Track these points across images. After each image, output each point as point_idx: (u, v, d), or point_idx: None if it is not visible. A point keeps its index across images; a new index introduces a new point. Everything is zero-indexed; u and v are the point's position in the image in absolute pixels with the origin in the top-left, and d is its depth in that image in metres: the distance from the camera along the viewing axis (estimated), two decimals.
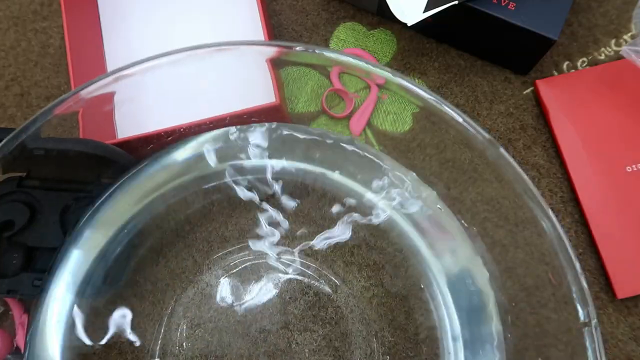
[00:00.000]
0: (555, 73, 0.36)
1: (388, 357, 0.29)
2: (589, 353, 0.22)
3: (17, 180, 0.32)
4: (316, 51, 0.26)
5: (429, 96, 0.27)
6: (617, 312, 0.32)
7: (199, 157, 0.31)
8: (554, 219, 0.26)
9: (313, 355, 0.29)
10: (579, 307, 0.23)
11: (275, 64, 0.30)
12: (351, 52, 0.36)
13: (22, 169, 0.31)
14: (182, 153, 0.30)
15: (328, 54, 0.27)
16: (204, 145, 0.31)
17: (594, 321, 0.22)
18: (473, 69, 0.37)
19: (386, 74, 0.26)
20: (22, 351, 0.30)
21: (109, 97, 0.30)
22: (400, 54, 0.37)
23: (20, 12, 0.39)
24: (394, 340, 0.30)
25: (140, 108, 0.33)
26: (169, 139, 0.29)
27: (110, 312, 0.30)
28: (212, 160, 0.31)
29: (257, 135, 0.31)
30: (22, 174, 0.32)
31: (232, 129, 0.30)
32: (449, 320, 0.28)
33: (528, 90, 0.36)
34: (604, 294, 0.33)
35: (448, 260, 0.30)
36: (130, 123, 0.33)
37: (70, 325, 0.28)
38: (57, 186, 0.32)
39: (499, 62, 0.36)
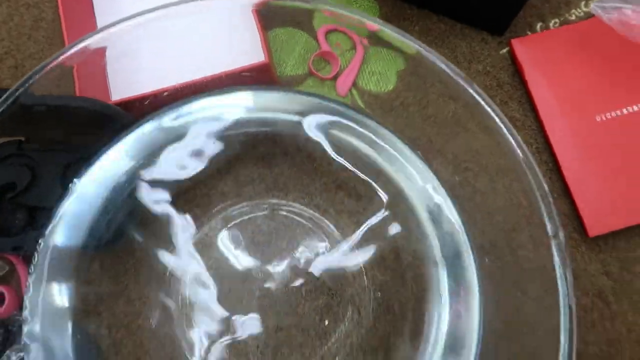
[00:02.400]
0: (529, 33, 0.38)
1: (379, 293, 0.31)
2: (556, 260, 0.24)
3: (17, 143, 0.33)
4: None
5: (418, 46, 0.29)
6: (589, 250, 0.35)
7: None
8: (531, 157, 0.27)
9: (309, 295, 0.31)
10: (547, 226, 0.25)
11: (263, 18, 0.32)
12: (331, 27, 0.38)
13: (22, 132, 0.33)
14: (172, 118, 0.32)
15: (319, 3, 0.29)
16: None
17: (561, 234, 0.24)
18: (452, 32, 0.39)
19: (378, 22, 0.28)
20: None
21: (100, 55, 0.31)
22: (382, 20, 0.39)
23: None
24: (383, 279, 0.32)
25: (132, 68, 0.34)
26: (165, 94, 0.30)
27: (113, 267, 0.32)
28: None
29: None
30: (21, 138, 0.33)
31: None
32: (432, 248, 0.30)
33: (504, 50, 0.38)
34: (577, 234, 0.35)
35: (429, 192, 0.31)
36: (123, 84, 0.34)
37: (73, 275, 0.30)
38: (56, 147, 0.33)
39: (477, 25, 0.38)
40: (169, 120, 0.30)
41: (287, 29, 0.36)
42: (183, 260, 0.31)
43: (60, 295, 0.29)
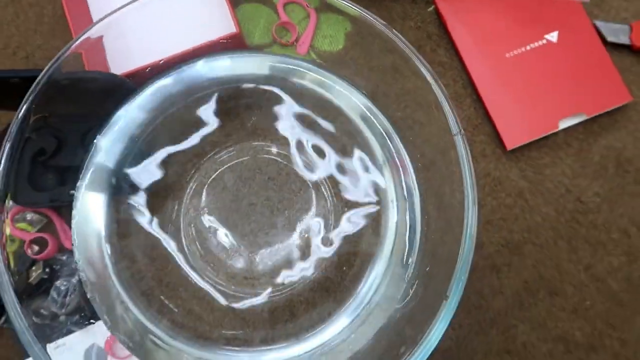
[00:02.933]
0: None
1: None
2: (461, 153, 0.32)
3: (43, 119, 0.41)
4: None
5: (360, 10, 0.37)
6: (509, 161, 0.44)
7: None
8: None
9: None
10: (451, 125, 0.34)
11: (232, 1, 0.40)
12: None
13: (48, 109, 0.40)
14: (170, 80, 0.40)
15: None
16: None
17: (462, 131, 0.33)
18: None
19: None
20: (68, 246, 0.40)
21: (100, 42, 0.39)
22: None
23: None
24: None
25: (126, 48, 0.42)
26: (161, 62, 0.38)
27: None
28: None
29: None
30: (46, 115, 0.41)
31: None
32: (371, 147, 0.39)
33: (431, 8, 0.47)
34: (499, 149, 0.44)
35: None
36: (121, 61, 0.42)
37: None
38: (75, 118, 0.41)
39: None
40: (167, 81, 0.38)
41: (251, 5, 0.44)
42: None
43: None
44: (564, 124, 0.43)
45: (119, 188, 0.39)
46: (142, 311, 0.36)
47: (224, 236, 0.40)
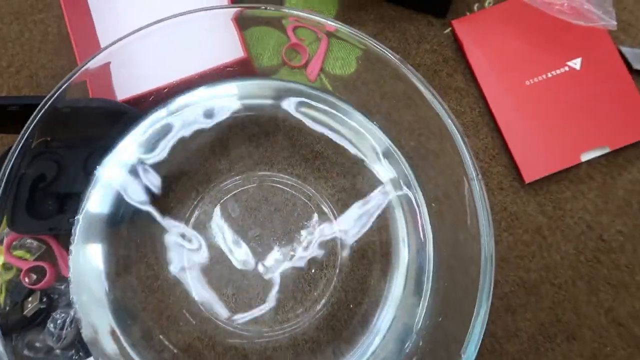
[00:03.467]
0: (468, 13, 0.44)
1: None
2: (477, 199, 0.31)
3: (45, 143, 0.39)
4: (273, 9, 0.34)
5: (369, 42, 0.36)
6: (527, 195, 0.41)
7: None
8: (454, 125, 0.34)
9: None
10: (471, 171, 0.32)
11: (241, 24, 0.38)
12: (297, 24, 0.44)
13: (49, 133, 0.39)
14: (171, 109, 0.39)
15: (285, 10, 0.36)
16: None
17: (479, 177, 0.31)
18: (402, 17, 0.45)
19: (334, 23, 0.34)
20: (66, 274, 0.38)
21: (107, 67, 0.37)
22: (341, 11, 0.45)
23: (20, 7, 0.46)
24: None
25: (133, 73, 0.40)
26: (164, 91, 0.37)
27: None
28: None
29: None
30: (47, 139, 0.40)
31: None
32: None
33: (447, 30, 0.45)
34: (516, 182, 0.42)
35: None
36: (126, 87, 0.40)
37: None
38: (77, 143, 0.39)
39: (422, 10, 0.44)
40: (168, 111, 0.37)
41: (261, 28, 0.43)
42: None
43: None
44: (587, 156, 0.41)
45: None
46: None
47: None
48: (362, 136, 0.39)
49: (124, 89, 0.40)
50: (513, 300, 0.39)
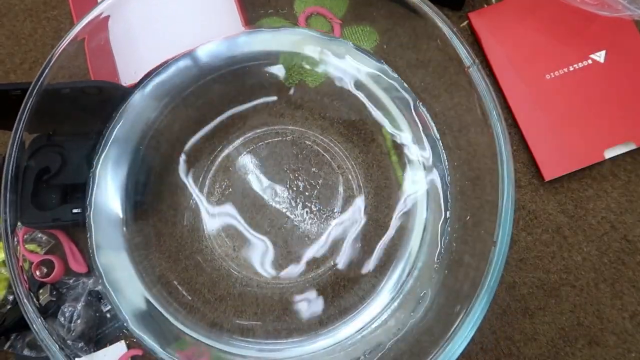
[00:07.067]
0: (485, 6, 0.43)
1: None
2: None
3: (47, 136, 0.39)
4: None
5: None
6: (547, 193, 0.40)
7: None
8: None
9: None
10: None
11: (248, 7, 0.39)
12: (311, 10, 0.43)
13: (51, 126, 0.39)
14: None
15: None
16: None
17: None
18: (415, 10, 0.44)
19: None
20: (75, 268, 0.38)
21: (104, 26, 0.37)
22: (352, 7, 0.44)
23: (33, 4, 0.46)
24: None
25: (134, 48, 0.40)
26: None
27: None
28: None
29: None
30: (50, 132, 0.39)
31: None
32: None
33: (464, 24, 0.43)
34: (535, 180, 0.40)
35: None
36: (130, 62, 0.40)
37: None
38: (79, 135, 0.39)
39: (437, 2, 0.43)
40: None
41: (271, 19, 0.42)
42: None
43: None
44: (610, 153, 0.39)
45: None
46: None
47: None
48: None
49: (126, 71, 0.40)
50: (532, 302, 0.38)
